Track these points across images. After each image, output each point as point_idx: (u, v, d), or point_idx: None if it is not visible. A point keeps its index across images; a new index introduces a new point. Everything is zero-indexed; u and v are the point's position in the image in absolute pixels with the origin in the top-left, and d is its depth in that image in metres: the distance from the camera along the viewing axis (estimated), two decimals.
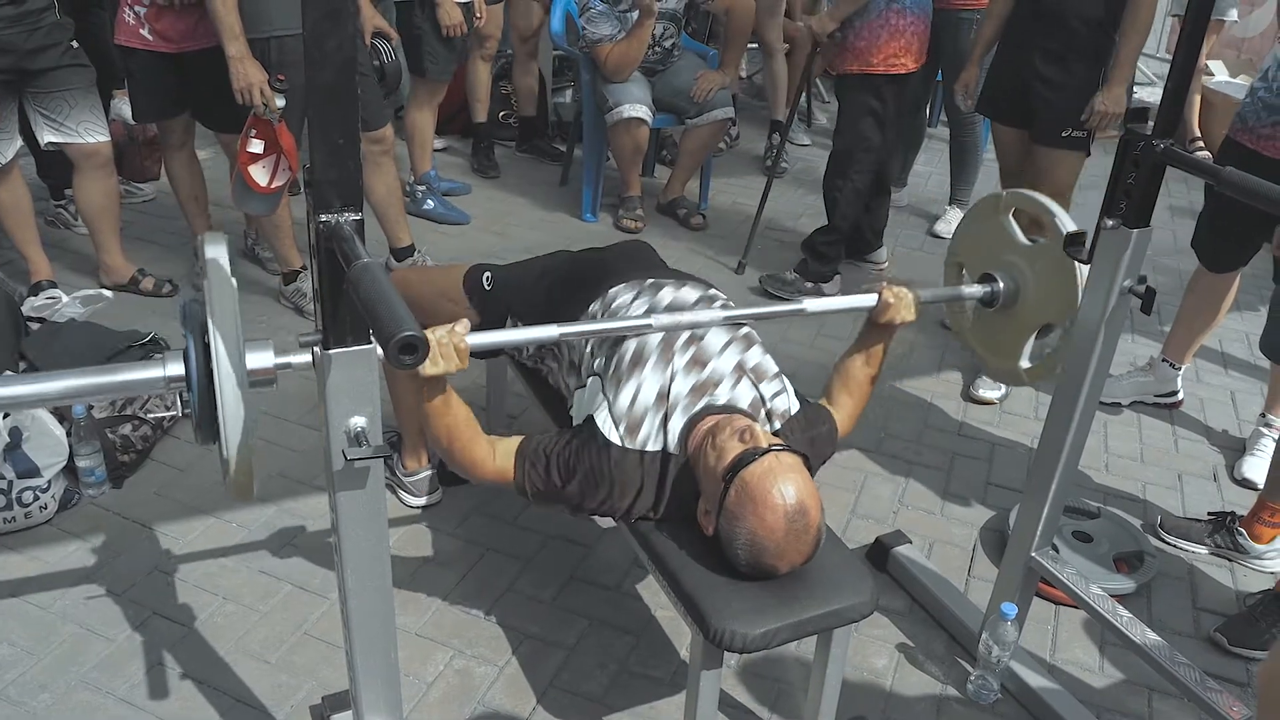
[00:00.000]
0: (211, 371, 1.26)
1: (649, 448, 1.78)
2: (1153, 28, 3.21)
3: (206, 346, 1.27)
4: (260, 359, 1.33)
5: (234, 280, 1.31)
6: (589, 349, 1.94)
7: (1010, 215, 2.04)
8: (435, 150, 4.61)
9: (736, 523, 1.66)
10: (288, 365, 1.36)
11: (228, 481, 1.35)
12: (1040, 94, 3.14)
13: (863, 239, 4.10)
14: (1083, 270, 1.88)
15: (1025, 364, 2.05)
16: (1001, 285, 2.02)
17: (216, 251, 1.35)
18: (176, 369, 1.32)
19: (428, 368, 1.59)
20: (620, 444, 1.78)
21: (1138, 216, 1.75)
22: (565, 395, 2.05)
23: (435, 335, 1.58)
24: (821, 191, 3.89)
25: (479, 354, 1.75)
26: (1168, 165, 1.71)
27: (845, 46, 3.55)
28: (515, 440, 1.84)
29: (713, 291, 2.05)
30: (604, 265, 2.15)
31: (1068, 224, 1.86)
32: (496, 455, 1.81)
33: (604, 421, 1.79)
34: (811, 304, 1.85)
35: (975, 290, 2.04)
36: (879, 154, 3.73)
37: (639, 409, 1.79)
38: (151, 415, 2.65)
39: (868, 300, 1.95)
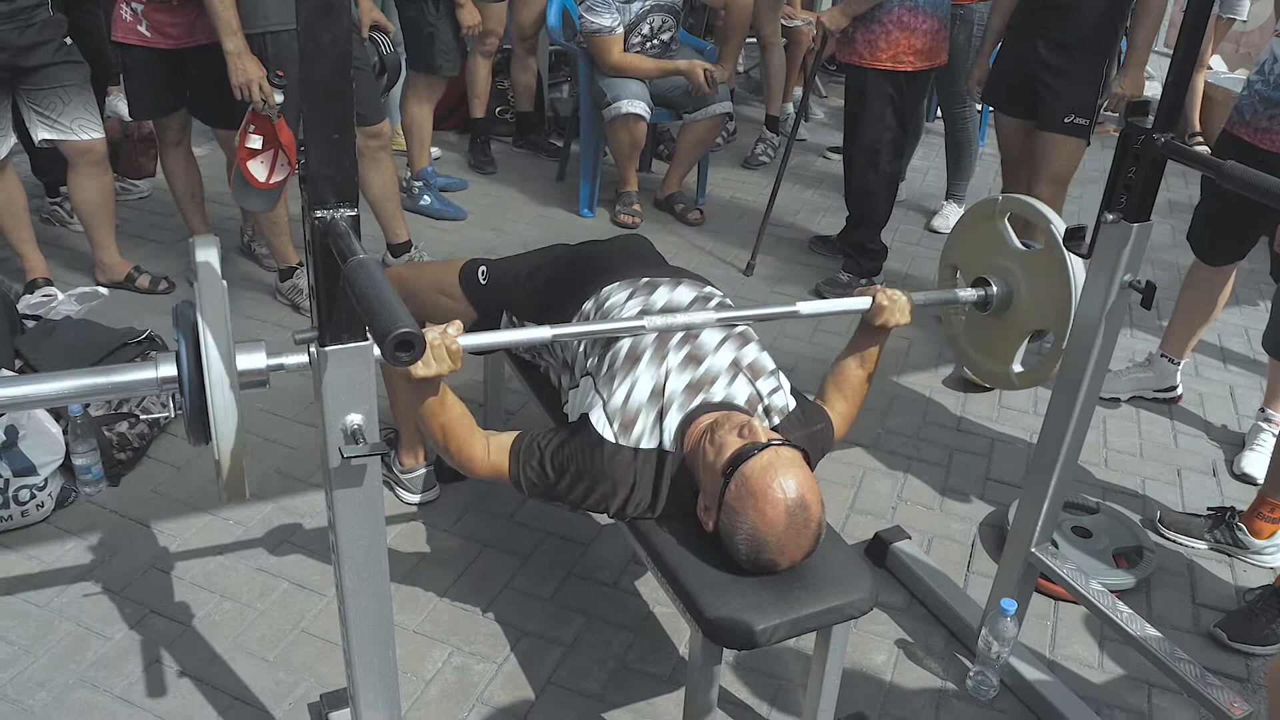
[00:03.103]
0: (203, 373, 1.27)
1: (643, 445, 1.77)
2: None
3: (198, 348, 1.28)
4: (251, 360, 1.33)
5: (224, 282, 1.31)
6: (582, 348, 1.93)
7: (1005, 220, 2.05)
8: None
9: (737, 518, 1.65)
10: (280, 367, 1.36)
11: (220, 483, 1.36)
12: (1045, 81, 3.16)
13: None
14: (1078, 278, 1.89)
15: (1017, 368, 2.07)
16: (995, 289, 2.03)
17: (207, 254, 1.35)
18: (169, 370, 1.33)
19: (419, 370, 1.58)
20: (614, 441, 1.77)
21: (1138, 210, 1.74)
22: (561, 391, 2.04)
23: (428, 337, 1.57)
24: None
25: (474, 353, 1.74)
26: (1168, 159, 1.70)
27: (855, 40, 3.55)
28: (510, 436, 1.84)
29: (708, 289, 2.03)
30: (599, 262, 2.14)
31: (1062, 230, 1.86)
32: (491, 451, 1.81)
33: (598, 419, 1.79)
34: (805, 307, 1.84)
35: (969, 294, 2.05)
36: (898, 142, 3.76)
37: (633, 406, 1.78)
38: (147, 416, 2.65)
39: (861, 303, 1.96)
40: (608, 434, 1.78)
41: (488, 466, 1.81)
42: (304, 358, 1.36)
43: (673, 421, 1.78)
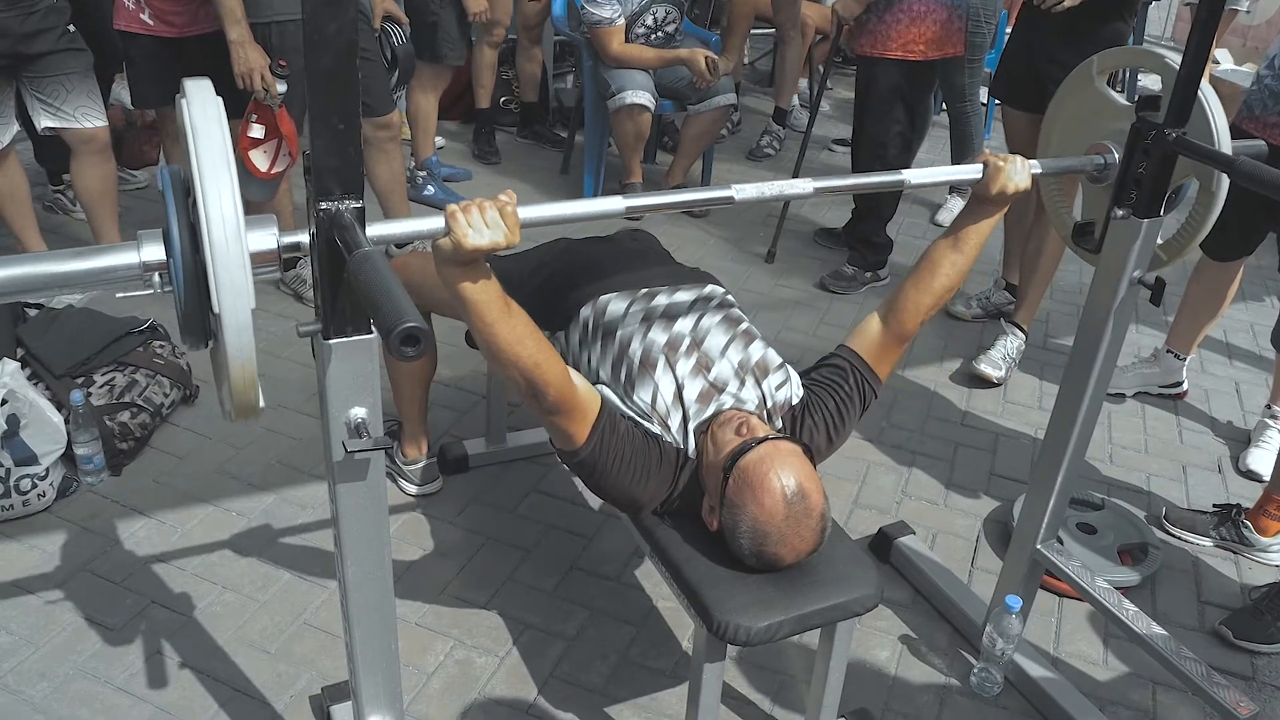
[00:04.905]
0: (201, 253, 1.03)
1: (679, 447, 1.77)
2: (1160, 16, 3.17)
3: (193, 224, 1.04)
4: (261, 239, 1.12)
5: (229, 140, 1.06)
6: (587, 358, 1.91)
7: (1104, 80, 1.86)
8: None
9: (738, 512, 1.65)
10: (295, 246, 1.16)
11: (225, 395, 1.10)
12: (1052, 75, 3.13)
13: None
14: (1213, 107, 1.68)
15: (1157, 241, 1.84)
16: (1117, 154, 1.78)
17: (202, 97, 1.05)
18: (155, 252, 1.07)
19: (470, 239, 1.38)
20: (661, 435, 1.76)
21: (1148, 206, 1.73)
22: None
23: (477, 202, 1.39)
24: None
25: (531, 225, 1.48)
26: (1178, 155, 1.69)
27: (867, 29, 3.54)
28: (588, 384, 1.73)
29: (710, 288, 2.01)
30: (599, 264, 2.10)
31: (1176, 61, 1.67)
32: (579, 387, 1.66)
33: (638, 418, 1.77)
34: (913, 175, 1.65)
35: (1088, 160, 1.81)
36: (906, 134, 3.74)
37: (662, 408, 1.77)
38: (149, 405, 2.64)
39: (972, 171, 1.74)
40: (655, 429, 1.76)
41: (570, 399, 1.63)
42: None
43: (693, 429, 1.77)
